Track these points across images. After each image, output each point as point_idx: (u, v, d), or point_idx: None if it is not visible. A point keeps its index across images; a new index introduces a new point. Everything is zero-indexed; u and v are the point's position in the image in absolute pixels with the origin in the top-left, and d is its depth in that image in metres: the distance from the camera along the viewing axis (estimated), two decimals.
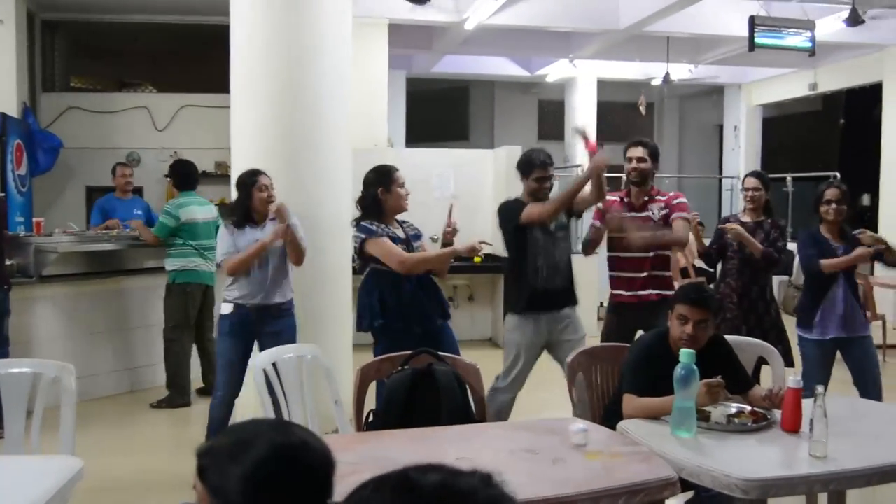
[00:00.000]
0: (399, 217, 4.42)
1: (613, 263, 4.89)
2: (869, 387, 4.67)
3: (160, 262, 6.23)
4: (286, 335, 4.54)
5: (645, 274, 4.75)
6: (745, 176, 5.46)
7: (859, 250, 4.67)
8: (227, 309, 4.58)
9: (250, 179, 4.58)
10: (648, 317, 4.58)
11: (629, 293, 4.78)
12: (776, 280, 5.70)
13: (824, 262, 4.66)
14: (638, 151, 4.87)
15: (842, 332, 4.70)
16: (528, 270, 4.54)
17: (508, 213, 4.60)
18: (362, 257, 4.21)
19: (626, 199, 4.90)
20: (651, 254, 4.76)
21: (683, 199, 4.91)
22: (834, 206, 4.74)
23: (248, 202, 4.55)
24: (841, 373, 4.84)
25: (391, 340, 3.96)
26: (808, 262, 4.75)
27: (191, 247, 6.08)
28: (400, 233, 4.32)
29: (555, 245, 4.60)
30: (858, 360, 4.75)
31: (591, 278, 9.09)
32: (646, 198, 4.86)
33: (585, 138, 4.66)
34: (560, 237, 4.66)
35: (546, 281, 4.54)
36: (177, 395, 6.14)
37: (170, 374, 6.19)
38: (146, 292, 6.52)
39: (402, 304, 4.14)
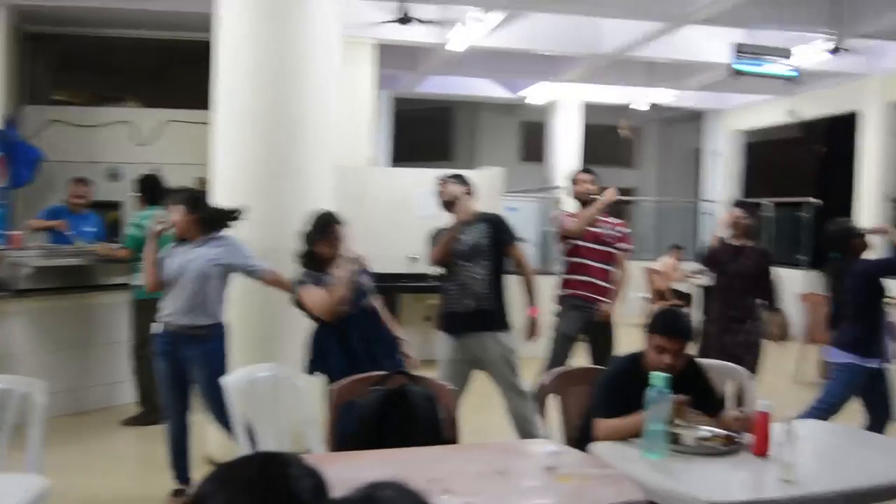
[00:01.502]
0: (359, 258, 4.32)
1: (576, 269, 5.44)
2: (886, 420, 4.70)
3: (129, 278, 6.12)
4: (200, 361, 4.35)
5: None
6: (734, 204, 5.89)
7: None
8: (157, 328, 4.51)
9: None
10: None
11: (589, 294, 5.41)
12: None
13: None
14: (588, 176, 5.62)
15: (887, 361, 4.79)
16: (442, 292, 4.80)
17: (430, 240, 4.83)
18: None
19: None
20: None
21: (628, 231, 5.64)
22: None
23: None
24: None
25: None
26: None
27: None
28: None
29: (462, 268, 4.67)
30: (884, 392, 4.75)
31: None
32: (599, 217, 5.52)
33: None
34: (468, 262, 4.67)
35: (453, 303, 4.70)
36: (148, 413, 6.02)
37: (141, 392, 6.08)
38: (116, 308, 6.40)
39: (349, 360, 4.06)
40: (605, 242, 5.44)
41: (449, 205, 4.73)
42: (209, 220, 4.45)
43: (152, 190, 6.26)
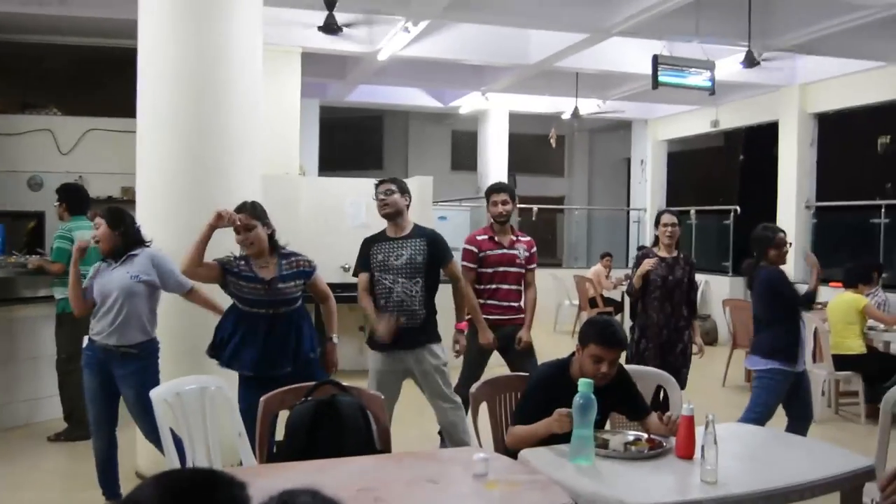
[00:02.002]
0: (295, 253, 4.38)
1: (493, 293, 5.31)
2: (807, 423, 4.85)
3: (49, 291, 6.01)
4: (131, 379, 4.29)
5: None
6: (661, 213, 5.73)
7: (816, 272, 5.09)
8: (84, 341, 4.42)
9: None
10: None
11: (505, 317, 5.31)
12: None
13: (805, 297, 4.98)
14: (503, 196, 5.37)
15: (804, 365, 4.92)
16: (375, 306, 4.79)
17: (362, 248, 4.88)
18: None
19: (494, 238, 5.38)
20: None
21: (535, 250, 5.54)
22: (788, 246, 4.95)
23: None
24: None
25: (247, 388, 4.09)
26: (799, 297, 4.94)
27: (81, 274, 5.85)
28: (267, 272, 4.21)
29: (396, 284, 4.67)
30: (804, 395, 4.91)
31: None
32: (513, 237, 5.42)
33: None
34: (403, 278, 4.67)
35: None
36: (75, 429, 5.90)
37: (67, 407, 5.95)
38: (37, 321, 6.25)
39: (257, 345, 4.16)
40: (518, 265, 5.36)
41: (392, 215, 4.69)
42: (132, 235, 4.37)
43: (75, 199, 6.14)
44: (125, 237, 4.34)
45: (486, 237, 5.38)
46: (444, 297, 4.94)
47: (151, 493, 1.31)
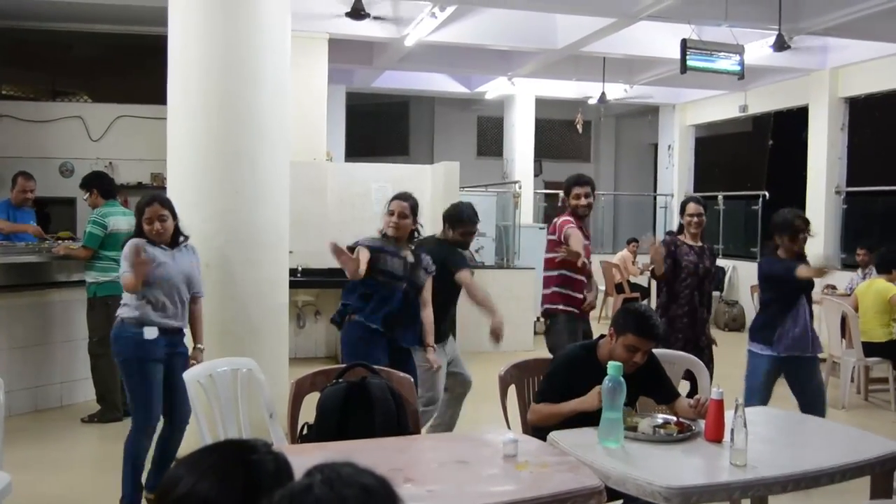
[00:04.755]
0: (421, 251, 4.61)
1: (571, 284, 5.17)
2: (816, 408, 4.70)
3: (83, 275, 6.07)
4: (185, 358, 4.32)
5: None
6: (687, 201, 5.53)
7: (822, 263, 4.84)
8: (151, 333, 4.21)
9: (138, 210, 4.30)
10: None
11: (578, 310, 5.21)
12: None
13: (801, 268, 4.65)
14: (586, 189, 5.23)
15: (796, 350, 4.74)
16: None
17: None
18: None
19: (582, 228, 5.25)
20: None
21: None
22: (801, 234, 4.76)
23: (141, 232, 4.26)
24: (780, 388, 4.91)
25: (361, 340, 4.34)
26: (786, 268, 4.69)
27: (111, 259, 5.80)
28: (408, 256, 4.48)
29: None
30: (804, 381, 4.81)
31: (528, 293, 9.25)
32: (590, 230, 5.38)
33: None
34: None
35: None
36: (108, 410, 6.01)
37: (99, 390, 6.06)
38: (70, 305, 6.35)
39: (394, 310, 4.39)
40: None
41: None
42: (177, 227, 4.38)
43: (105, 185, 6.22)
44: (178, 228, 4.35)
45: (574, 224, 5.15)
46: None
47: (196, 461, 1.34)
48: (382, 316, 4.36)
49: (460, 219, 5.05)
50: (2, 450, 3.08)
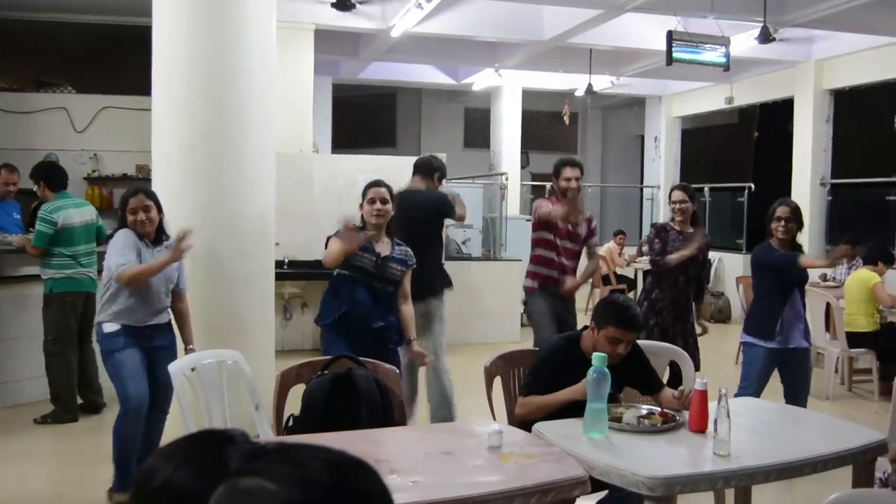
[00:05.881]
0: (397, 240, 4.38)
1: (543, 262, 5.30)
2: (798, 398, 4.74)
3: (40, 271, 5.84)
4: (171, 352, 4.28)
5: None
6: (672, 189, 5.59)
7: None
8: (111, 327, 4.20)
9: (122, 201, 4.27)
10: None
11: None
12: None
13: (804, 258, 4.72)
14: (576, 172, 5.25)
15: (795, 342, 4.77)
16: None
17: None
18: None
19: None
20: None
21: (595, 224, 5.55)
22: (783, 223, 4.76)
23: (125, 223, 4.23)
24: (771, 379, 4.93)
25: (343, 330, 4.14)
26: (787, 260, 4.71)
27: (67, 255, 5.71)
28: (382, 248, 4.26)
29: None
30: (795, 371, 4.82)
31: (514, 284, 9.25)
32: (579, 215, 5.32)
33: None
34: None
35: None
36: (63, 411, 5.79)
37: (54, 390, 5.82)
38: (24, 301, 6.12)
39: (356, 308, 4.19)
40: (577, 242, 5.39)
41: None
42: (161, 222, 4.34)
43: (53, 176, 5.94)
44: (161, 221, 4.31)
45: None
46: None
47: (172, 451, 1.33)
48: (340, 314, 4.17)
49: (439, 167, 5.46)
50: None
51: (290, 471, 1.05)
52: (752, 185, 12.52)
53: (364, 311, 4.17)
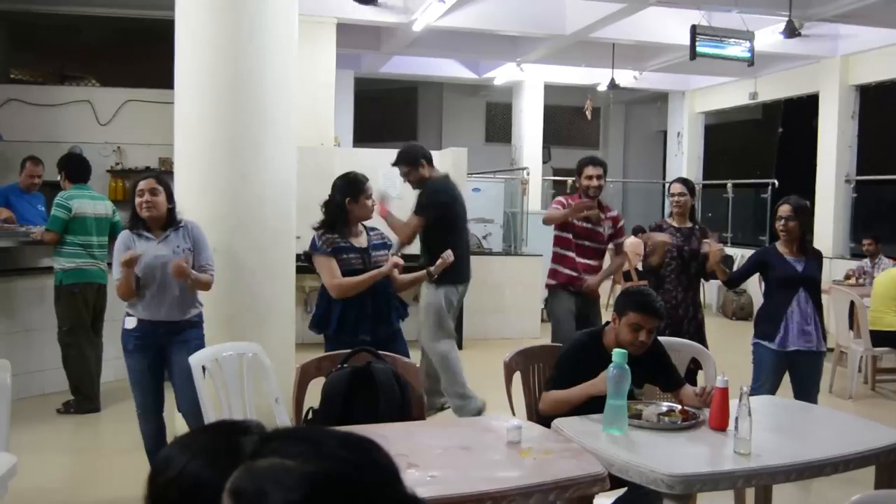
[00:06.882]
0: (368, 224, 4.39)
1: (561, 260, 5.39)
2: (805, 400, 4.68)
3: (52, 262, 5.88)
4: (191, 347, 4.10)
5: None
6: (671, 182, 5.60)
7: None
8: (130, 323, 4.18)
9: (133, 184, 4.22)
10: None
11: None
12: (715, 284, 5.84)
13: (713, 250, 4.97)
14: (598, 170, 5.38)
15: (799, 345, 4.68)
16: None
17: None
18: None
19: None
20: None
21: (622, 223, 5.68)
22: (783, 222, 4.71)
23: (135, 214, 4.17)
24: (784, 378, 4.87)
25: (341, 345, 3.95)
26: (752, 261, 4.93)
27: (78, 245, 5.76)
28: (360, 241, 4.26)
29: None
30: (806, 375, 4.74)
31: (535, 279, 9.22)
32: (602, 215, 5.42)
33: None
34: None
35: None
36: (84, 401, 5.82)
37: (73, 380, 5.87)
38: (45, 292, 6.11)
39: (356, 315, 4.16)
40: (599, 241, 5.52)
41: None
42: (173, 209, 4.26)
43: (73, 168, 6.02)
44: (173, 212, 4.22)
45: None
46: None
47: (188, 441, 1.33)
48: (338, 317, 4.17)
49: (422, 153, 5.53)
50: (7, 432, 3.09)
51: (307, 448, 1.07)
52: (776, 182, 12.40)
53: (361, 305, 4.21)
